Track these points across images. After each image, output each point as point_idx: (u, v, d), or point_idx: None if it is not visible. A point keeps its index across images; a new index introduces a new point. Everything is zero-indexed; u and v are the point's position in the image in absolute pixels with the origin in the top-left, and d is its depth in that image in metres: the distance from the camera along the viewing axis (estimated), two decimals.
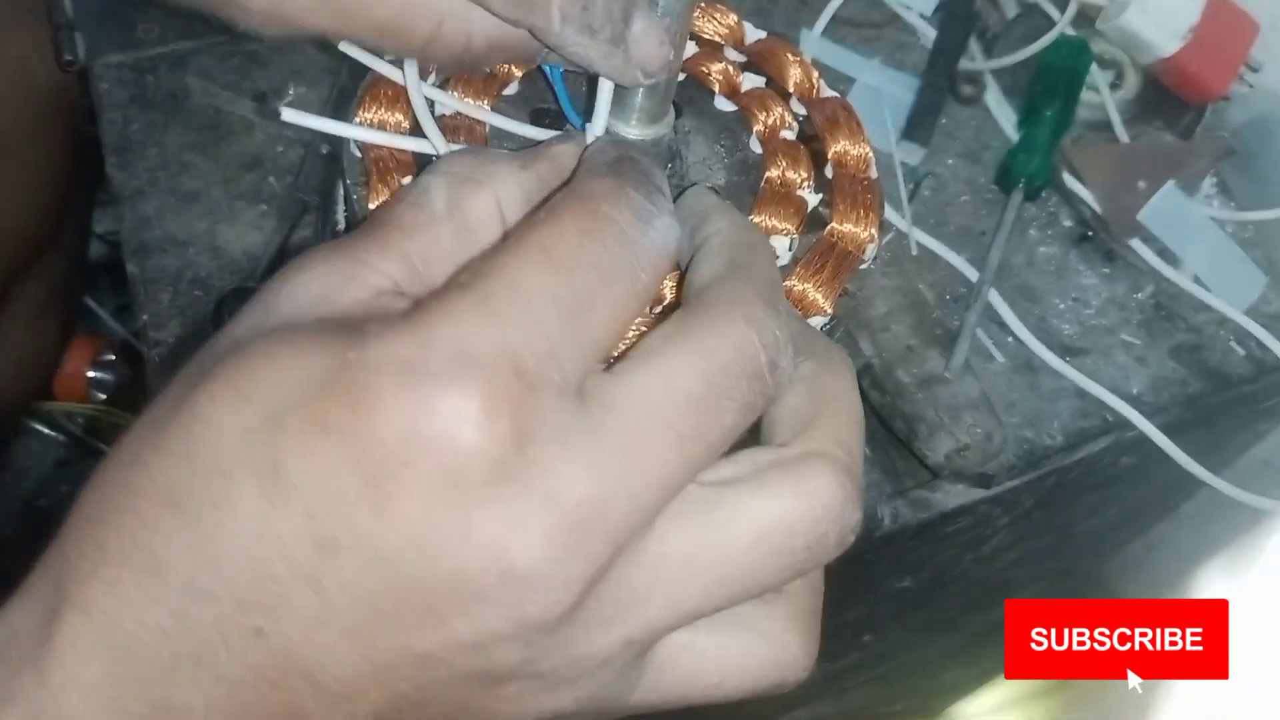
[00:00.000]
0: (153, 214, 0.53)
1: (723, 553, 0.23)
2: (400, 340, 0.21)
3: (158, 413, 0.23)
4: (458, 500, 0.20)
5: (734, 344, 0.23)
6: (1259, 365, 0.59)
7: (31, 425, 0.84)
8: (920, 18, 0.67)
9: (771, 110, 0.37)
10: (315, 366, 0.21)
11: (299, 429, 0.21)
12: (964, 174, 0.63)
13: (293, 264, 0.25)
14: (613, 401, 0.22)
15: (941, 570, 0.64)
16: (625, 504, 0.22)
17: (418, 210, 0.25)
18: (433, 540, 0.21)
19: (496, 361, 0.21)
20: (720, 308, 0.24)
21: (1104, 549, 0.79)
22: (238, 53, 0.60)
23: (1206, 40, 0.63)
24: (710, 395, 0.23)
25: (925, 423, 0.51)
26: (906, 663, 0.76)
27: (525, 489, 0.21)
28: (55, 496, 0.82)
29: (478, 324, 0.21)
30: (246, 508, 0.21)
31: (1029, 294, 0.59)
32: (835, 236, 0.35)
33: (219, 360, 0.22)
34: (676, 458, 0.22)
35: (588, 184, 0.25)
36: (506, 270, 0.22)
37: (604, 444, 0.21)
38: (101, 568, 0.21)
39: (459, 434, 0.20)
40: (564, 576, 0.21)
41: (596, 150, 0.28)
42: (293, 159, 0.56)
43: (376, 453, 0.20)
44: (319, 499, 0.21)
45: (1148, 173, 0.61)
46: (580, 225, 0.23)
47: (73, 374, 0.85)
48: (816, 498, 0.24)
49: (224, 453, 0.21)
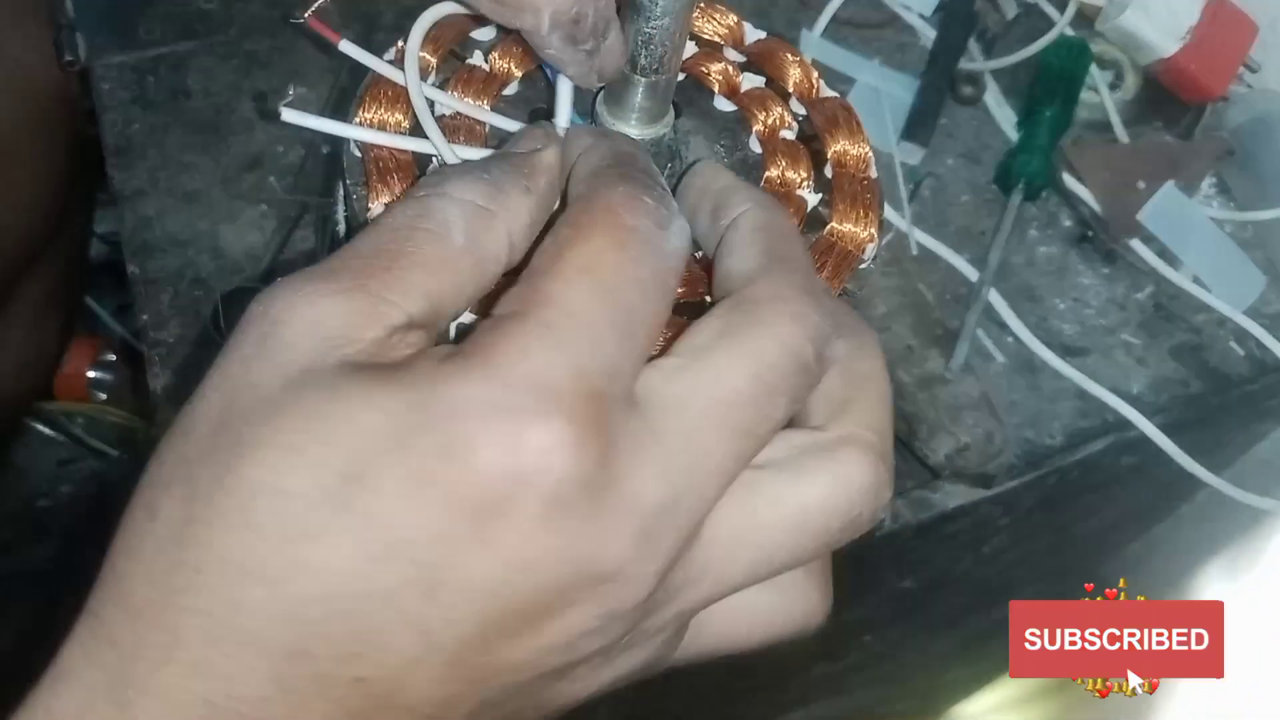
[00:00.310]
0: (153, 214, 0.53)
1: (766, 535, 0.25)
2: (479, 381, 0.21)
3: (197, 483, 0.22)
4: (557, 524, 0.21)
5: (783, 342, 0.24)
6: (1259, 365, 0.59)
7: (31, 425, 0.84)
8: (920, 18, 0.67)
9: (771, 110, 0.37)
10: (387, 417, 0.21)
11: (394, 483, 0.21)
12: (964, 174, 0.63)
13: (290, 293, 0.23)
14: (670, 403, 0.23)
15: (942, 570, 0.64)
16: (692, 500, 0.23)
17: (438, 244, 0.24)
18: (535, 563, 0.21)
19: (574, 388, 0.21)
20: (766, 305, 0.25)
21: (1104, 549, 0.79)
22: (238, 53, 0.60)
23: (1205, 41, 0.63)
24: (762, 393, 0.24)
25: (926, 423, 0.51)
26: (907, 663, 0.76)
27: (611, 501, 0.22)
28: (55, 496, 0.82)
29: (549, 354, 0.22)
30: (344, 567, 0.21)
31: (1029, 294, 0.59)
32: (835, 236, 0.35)
33: (254, 418, 0.22)
34: (733, 453, 0.23)
35: (603, 195, 0.25)
36: (560, 297, 0.22)
37: (669, 446, 0.23)
38: (178, 650, 0.21)
39: (555, 464, 0.21)
40: (645, 573, 0.22)
41: (589, 149, 0.28)
42: (293, 159, 0.56)
43: (478, 495, 0.21)
44: (424, 548, 0.21)
45: (1147, 173, 0.62)
46: (611, 241, 0.23)
47: (73, 374, 0.85)
48: (853, 483, 0.25)
49: (301, 517, 0.21)
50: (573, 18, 0.30)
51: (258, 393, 0.22)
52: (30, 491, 0.82)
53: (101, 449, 0.85)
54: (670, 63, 0.31)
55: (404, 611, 0.21)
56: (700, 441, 0.23)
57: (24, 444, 0.83)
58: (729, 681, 0.62)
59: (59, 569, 0.73)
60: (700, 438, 0.23)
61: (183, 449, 0.23)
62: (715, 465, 0.23)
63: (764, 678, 0.66)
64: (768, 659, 0.29)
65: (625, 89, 0.32)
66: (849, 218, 0.35)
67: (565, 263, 0.23)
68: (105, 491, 0.82)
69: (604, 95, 0.33)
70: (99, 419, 0.85)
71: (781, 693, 0.71)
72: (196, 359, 0.50)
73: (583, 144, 0.28)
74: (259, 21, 0.61)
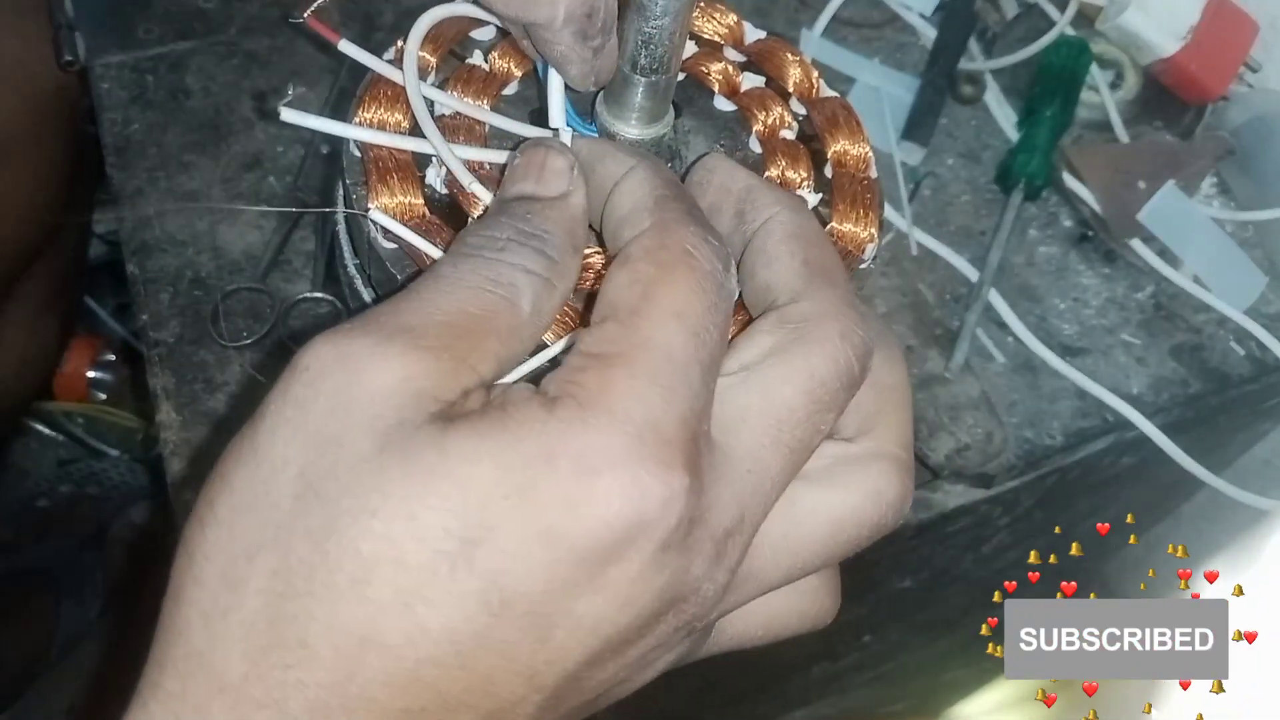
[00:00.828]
0: (153, 214, 0.53)
1: (805, 543, 0.26)
2: (601, 431, 0.22)
3: (290, 555, 0.21)
4: (664, 563, 0.22)
5: (834, 359, 0.25)
6: (1259, 365, 0.59)
7: (31, 425, 0.85)
8: (920, 18, 0.67)
9: (771, 110, 0.37)
10: (505, 472, 0.21)
11: (516, 540, 0.21)
12: (964, 174, 0.63)
13: (370, 346, 0.23)
14: (731, 424, 0.24)
15: (942, 570, 0.64)
16: (755, 516, 0.24)
17: (511, 313, 0.24)
18: (638, 599, 0.22)
19: (684, 435, 0.22)
20: (815, 324, 0.25)
21: (1104, 549, 0.79)
22: (237, 52, 0.60)
23: (1206, 40, 0.63)
24: (815, 410, 0.25)
25: (926, 422, 0.52)
26: (907, 663, 0.76)
27: (701, 532, 0.23)
28: (55, 496, 0.82)
29: (661, 401, 0.22)
30: (464, 628, 0.21)
31: (1029, 294, 0.59)
32: (834, 236, 0.35)
33: (353, 483, 0.21)
34: (789, 468, 0.25)
35: (678, 234, 0.25)
36: (660, 343, 0.23)
37: (737, 468, 0.24)
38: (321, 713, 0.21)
39: (673, 511, 0.22)
40: (716, 588, 0.24)
41: (634, 171, 0.27)
42: (292, 159, 0.56)
43: (600, 544, 0.22)
44: (543, 599, 0.21)
45: (1148, 173, 0.61)
46: (696, 287, 0.24)
47: (73, 374, 0.85)
48: (883, 496, 0.27)
49: (422, 585, 0.21)
50: (587, 11, 0.30)
51: (348, 452, 0.21)
52: (30, 491, 0.82)
53: (101, 449, 0.85)
54: (670, 63, 0.31)
55: (515, 659, 0.22)
56: (761, 459, 0.24)
57: (24, 443, 0.84)
58: (730, 681, 0.62)
59: (59, 568, 0.73)
60: (761, 455, 0.24)
61: (263, 514, 0.22)
62: (774, 482, 0.24)
63: (765, 677, 0.66)
64: (768, 658, 0.30)
65: (626, 89, 0.32)
66: (849, 218, 0.35)
67: (658, 306, 0.24)
68: (105, 491, 0.83)
69: (604, 96, 0.33)
70: (99, 419, 0.86)
71: (782, 692, 0.71)
72: (196, 361, 0.50)
73: (623, 164, 0.28)
74: (258, 21, 0.61)
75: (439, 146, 0.32)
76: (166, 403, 0.48)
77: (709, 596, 0.24)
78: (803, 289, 0.26)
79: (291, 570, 0.21)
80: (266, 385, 0.23)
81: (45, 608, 0.70)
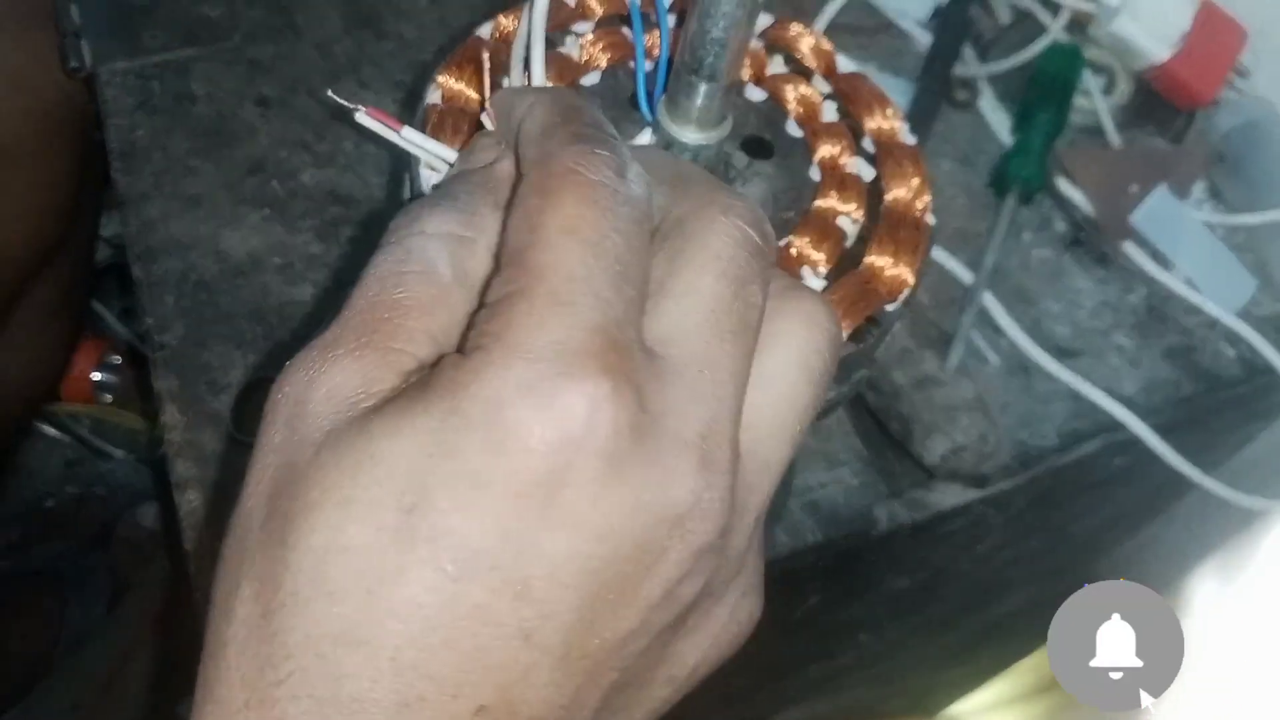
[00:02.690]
0: (157, 218, 0.54)
1: (788, 404, 0.26)
2: (505, 368, 0.21)
3: (261, 574, 0.22)
4: (619, 478, 0.21)
5: (728, 235, 0.25)
6: (1249, 367, 0.60)
7: (39, 427, 0.85)
8: (915, 24, 0.68)
9: (837, 142, 0.37)
10: (426, 435, 0.21)
11: (451, 497, 0.21)
12: (959, 178, 0.64)
13: (303, 371, 0.23)
14: (668, 336, 0.24)
15: (937, 570, 0.64)
16: (726, 412, 0.23)
17: (428, 284, 0.24)
18: (611, 526, 0.21)
19: (596, 345, 0.21)
20: (693, 217, 0.25)
21: (1097, 549, 0.79)
22: (241, 59, 0.60)
23: (1196, 47, 0.64)
24: (735, 287, 0.24)
25: (921, 424, 0.52)
26: (903, 662, 0.77)
27: (660, 441, 0.22)
28: (61, 496, 0.83)
29: (563, 319, 0.22)
30: (430, 599, 0.21)
31: (1023, 296, 0.60)
32: (866, 269, 0.35)
33: (297, 491, 0.22)
34: (740, 353, 0.24)
35: (560, 156, 0.24)
36: (553, 264, 0.22)
37: (689, 373, 0.23)
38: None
39: (601, 419, 0.21)
40: (716, 497, 0.23)
41: (531, 106, 0.27)
42: (295, 164, 0.57)
43: (536, 476, 0.21)
44: (500, 549, 0.21)
45: (1140, 177, 0.62)
46: (582, 199, 0.23)
47: (79, 376, 0.86)
48: (817, 313, 0.26)
49: (375, 565, 0.21)
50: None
51: (295, 470, 0.22)
52: (37, 492, 0.83)
53: (107, 450, 0.86)
54: (731, 69, 0.31)
55: (500, 623, 0.21)
56: (710, 356, 0.23)
57: (31, 445, 0.84)
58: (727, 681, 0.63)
59: (65, 568, 0.74)
60: (709, 352, 0.23)
61: (242, 547, 0.22)
62: (731, 371, 0.24)
63: (762, 675, 0.66)
64: (769, 658, 0.29)
65: (686, 93, 0.32)
66: (887, 251, 0.35)
67: (546, 230, 0.23)
68: (111, 492, 0.83)
69: (665, 100, 0.33)
70: (105, 420, 0.86)
71: (779, 690, 0.71)
72: (200, 363, 0.50)
73: (524, 102, 0.27)
74: (262, 28, 0.62)
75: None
76: (170, 404, 0.49)
77: (716, 508, 0.23)
78: (668, 201, 0.26)
79: (265, 589, 0.21)
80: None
81: (52, 607, 0.70)
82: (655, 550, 0.22)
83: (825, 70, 0.40)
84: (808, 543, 0.49)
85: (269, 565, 0.22)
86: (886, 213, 0.36)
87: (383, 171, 0.57)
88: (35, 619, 0.70)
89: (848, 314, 0.33)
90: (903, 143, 0.38)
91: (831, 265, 0.34)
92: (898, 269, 0.34)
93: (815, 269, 0.34)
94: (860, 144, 0.38)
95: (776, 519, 0.50)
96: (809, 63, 0.40)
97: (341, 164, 0.57)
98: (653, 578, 0.22)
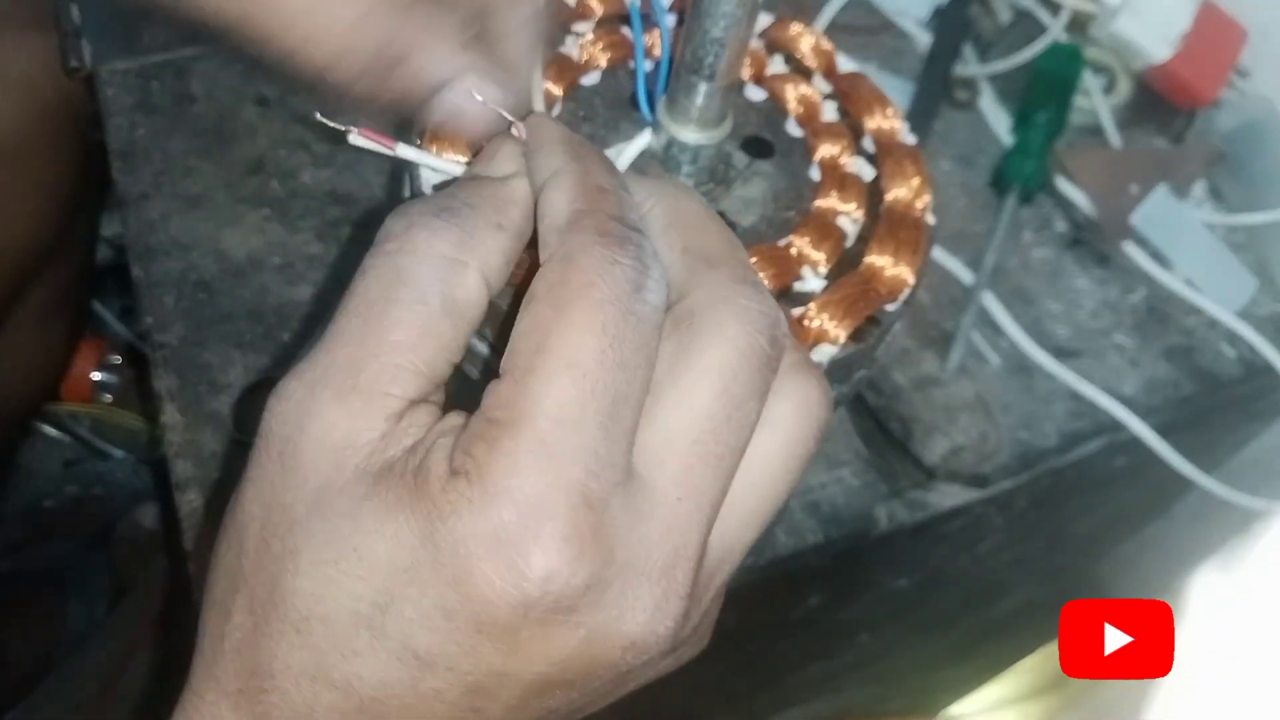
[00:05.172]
0: (157, 218, 0.54)
1: (767, 491, 0.26)
2: (477, 513, 0.22)
3: (254, 595, 0.24)
4: (573, 623, 0.22)
5: (735, 346, 0.24)
6: (1249, 367, 0.60)
7: (38, 427, 0.85)
8: (915, 24, 0.68)
9: (837, 142, 0.37)
10: (402, 552, 0.22)
11: (416, 613, 0.22)
12: (959, 178, 0.64)
13: (294, 406, 0.24)
14: (655, 452, 0.23)
15: (937, 570, 0.64)
16: (696, 537, 0.24)
17: (415, 315, 0.24)
18: (564, 657, 0.23)
19: (569, 501, 0.22)
20: (707, 313, 0.24)
21: (1097, 549, 0.79)
22: (241, 59, 0.60)
23: (1196, 47, 0.64)
24: (730, 409, 0.23)
25: (921, 424, 0.52)
26: (902, 662, 0.77)
27: (622, 582, 0.23)
28: (61, 496, 0.82)
29: (544, 472, 0.22)
30: (393, 678, 0.23)
31: (1023, 296, 0.60)
32: (866, 270, 0.35)
33: (289, 541, 0.23)
34: (722, 475, 0.24)
35: (580, 263, 0.23)
36: (547, 402, 0.22)
37: (667, 500, 0.23)
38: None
39: (556, 585, 0.22)
40: (670, 624, 0.23)
41: (557, 175, 0.26)
42: (294, 164, 0.57)
43: (495, 619, 0.22)
44: (457, 661, 0.23)
45: (1140, 177, 0.62)
46: (592, 325, 0.22)
47: (79, 376, 0.85)
48: (811, 407, 0.26)
49: (347, 637, 0.23)
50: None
51: (287, 515, 0.23)
52: (37, 492, 0.82)
53: (107, 450, 0.86)
54: (731, 69, 0.32)
55: (455, 704, 0.23)
56: (690, 482, 0.23)
57: (31, 445, 0.84)
58: (726, 680, 0.63)
59: (66, 568, 0.73)
60: (689, 478, 0.23)
61: (239, 559, 0.24)
62: (710, 498, 0.24)
63: (761, 676, 0.67)
64: (769, 658, 0.29)
65: (686, 93, 0.32)
66: (887, 250, 0.35)
67: (549, 356, 0.22)
68: (110, 491, 0.83)
69: (665, 100, 0.33)
70: (105, 420, 0.86)
71: (778, 691, 0.71)
72: (200, 363, 0.50)
73: (553, 161, 0.26)
74: None
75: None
76: (170, 404, 0.49)
77: (668, 630, 0.23)
78: (686, 280, 0.25)
79: (255, 608, 0.24)
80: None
81: (53, 607, 0.70)
82: (606, 664, 0.23)
83: (825, 70, 0.40)
84: (808, 543, 0.49)
85: (260, 590, 0.24)
86: (886, 212, 0.36)
87: (383, 171, 0.57)
88: (35, 619, 0.70)
89: (848, 314, 0.33)
90: (903, 143, 0.38)
91: (831, 265, 0.34)
92: (898, 269, 0.34)
93: (815, 269, 0.34)
94: (860, 144, 0.38)
95: (776, 520, 0.50)
96: (809, 62, 0.40)
97: (341, 164, 0.57)
98: (602, 674, 0.24)
